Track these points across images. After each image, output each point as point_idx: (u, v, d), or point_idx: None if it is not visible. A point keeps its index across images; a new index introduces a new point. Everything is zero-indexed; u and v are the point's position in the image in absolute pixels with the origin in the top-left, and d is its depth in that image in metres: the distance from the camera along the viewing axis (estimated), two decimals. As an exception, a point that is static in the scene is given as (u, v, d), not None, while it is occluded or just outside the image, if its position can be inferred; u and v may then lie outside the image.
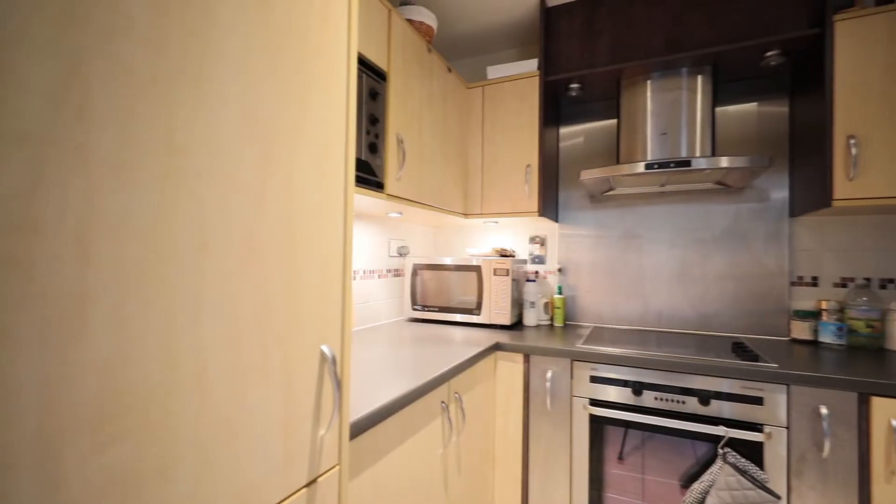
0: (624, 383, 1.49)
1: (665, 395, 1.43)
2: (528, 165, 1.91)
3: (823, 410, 1.24)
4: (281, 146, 0.63)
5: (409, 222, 2.28)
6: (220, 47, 0.54)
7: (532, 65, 1.94)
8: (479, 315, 1.97)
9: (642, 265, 2.03)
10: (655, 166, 1.61)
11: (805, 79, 1.64)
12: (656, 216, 2.01)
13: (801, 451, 1.27)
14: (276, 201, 0.62)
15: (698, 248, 1.93)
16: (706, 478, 1.33)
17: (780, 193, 1.81)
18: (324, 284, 0.72)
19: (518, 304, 2.07)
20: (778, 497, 1.23)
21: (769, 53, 1.62)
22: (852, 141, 1.41)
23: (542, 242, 2.26)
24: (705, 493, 1.31)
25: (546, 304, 2.09)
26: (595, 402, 1.53)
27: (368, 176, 1.33)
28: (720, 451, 1.32)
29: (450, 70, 1.87)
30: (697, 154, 1.74)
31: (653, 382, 1.45)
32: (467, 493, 1.42)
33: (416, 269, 2.11)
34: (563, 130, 2.22)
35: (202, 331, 0.52)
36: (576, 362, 1.56)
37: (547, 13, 1.94)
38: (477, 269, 1.98)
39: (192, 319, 0.51)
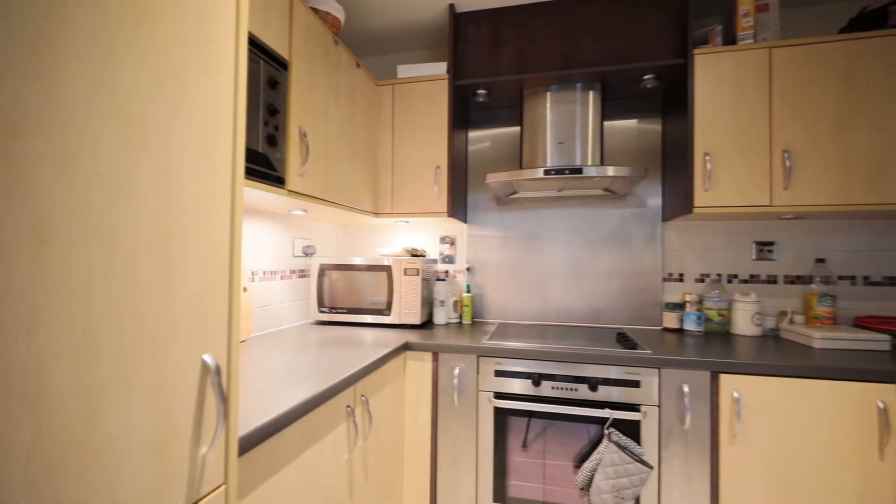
0: (525, 375, 1.58)
1: (561, 384, 1.55)
2: (438, 166, 1.94)
3: (685, 388, 1.43)
4: (153, 131, 0.56)
5: (316, 220, 2.18)
6: (67, 9, 0.46)
7: (441, 68, 1.98)
8: (389, 315, 1.95)
9: (542, 264, 2.18)
10: (553, 172, 1.74)
11: (674, 102, 1.89)
12: (554, 219, 2.17)
13: (669, 425, 1.46)
14: (146, 192, 0.55)
15: (590, 249, 2.12)
16: (594, 457, 1.46)
17: (654, 200, 2.06)
18: (207, 287, 0.65)
19: (428, 304, 2.09)
20: (651, 467, 1.40)
21: (646, 77, 1.84)
22: (708, 157, 1.66)
23: (452, 242, 2.31)
24: (594, 471, 1.45)
25: (455, 303, 2.14)
26: (499, 395, 1.60)
27: (267, 170, 1.24)
28: (606, 431, 1.47)
29: (359, 65, 1.83)
30: (589, 163, 1.91)
31: (550, 373, 1.56)
32: (375, 496, 1.39)
33: (324, 270, 2.02)
34: (472, 134, 2.29)
35: (39, 342, 0.44)
36: (482, 358, 1.62)
37: (456, 18, 1.99)
38: (387, 269, 1.96)
39: (24, 331, 0.42)
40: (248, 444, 0.80)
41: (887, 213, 1.66)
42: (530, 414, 1.58)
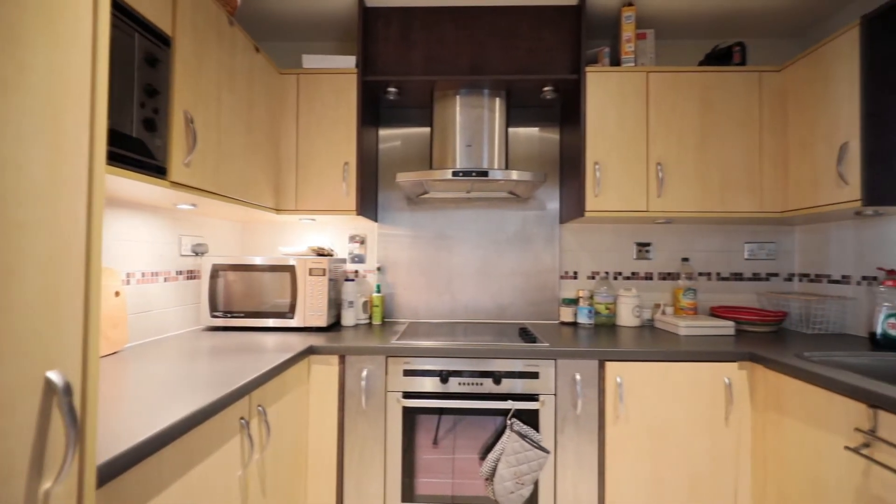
0: (433, 373, 1.60)
1: (467, 380, 1.59)
2: (346, 163, 1.88)
3: (578, 377, 1.57)
4: (-31, 102, 0.46)
5: (209, 216, 1.98)
6: None
7: (350, 62, 1.92)
8: (292, 318, 1.84)
9: (452, 263, 2.23)
10: (461, 174, 1.79)
11: (569, 114, 2.05)
12: (463, 219, 2.24)
13: (564, 411, 1.58)
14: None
15: (496, 249, 2.22)
16: (498, 447, 1.53)
17: (553, 204, 2.22)
18: (55, 291, 0.55)
19: (336, 305, 2.02)
20: (548, 452, 1.51)
21: (546, 88, 1.97)
22: (597, 166, 1.83)
23: (362, 241, 2.26)
24: (497, 460, 1.51)
25: (365, 303, 2.10)
26: (408, 395, 1.60)
27: (142, 157, 1.09)
28: (508, 422, 1.54)
29: (258, 50, 1.70)
30: (496, 166, 1.99)
31: (458, 369, 1.60)
32: (274, 512, 1.31)
33: (217, 270, 1.84)
34: (383, 132, 2.26)
35: None
36: (390, 358, 1.61)
37: (365, 13, 1.95)
38: (291, 270, 1.85)
39: None
40: (113, 471, 0.69)
41: (733, 220, 1.98)
42: (441, 411, 1.60)
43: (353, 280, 2.01)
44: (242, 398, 1.11)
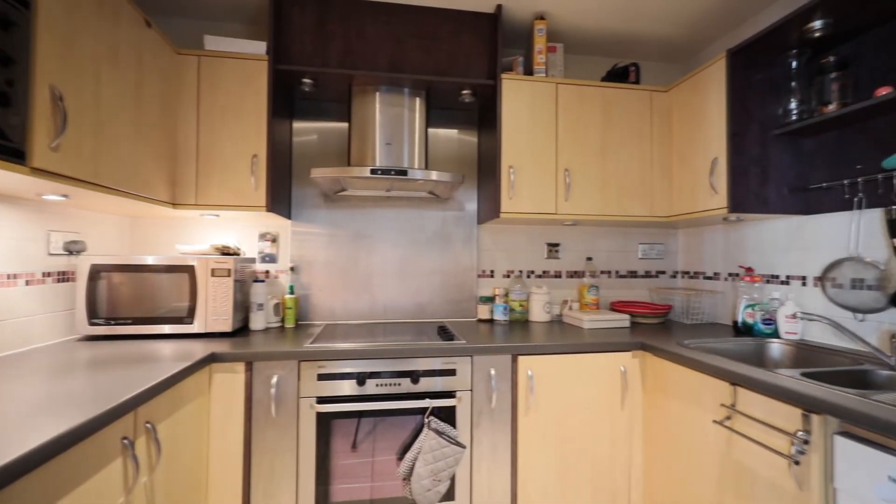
0: (349, 376, 1.55)
1: (385, 381, 1.57)
2: (255, 156, 1.76)
3: (492, 372, 1.62)
4: None
5: (86, 209, 1.73)
6: None
7: (260, 47, 1.80)
8: (192, 324, 1.68)
9: (371, 263, 2.19)
10: (379, 172, 1.76)
11: (487, 118, 2.12)
12: (383, 218, 2.21)
13: (479, 407, 1.63)
14: None
15: (415, 248, 2.23)
16: (416, 446, 1.53)
17: (471, 205, 2.28)
18: None
19: (243, 308, 1.88)
20: (464, 447, 1.54)
21: (464, 92, 2.02)
22: (512, 170, 1.92)
23: (274, 240, 2.12)
24: (415, 459, 1.51)
25: (277, 306, 1.98)
26: (322, 400, 1.54)
27: (-8, 138, 0.92)
28: (426, 420, 1.55)
29: (149, 24, 1.52)
30: (416, 166, 1.99)
31: (375, 371, 1.57)
32: (166, 539, 1.18)
33: (99, 272, 1.62)
34: (298, 125, 2.15)
35: None
36: (303, 363, 1.53)
37: (278, -3, 1.83)
38: (190, 270, 1.69)
39: None
40: (-60, 515, 0.57)
41: (629, 223, 2.19)
42: (360, 414, 1.56)
43: (262, 281, 1.88)
44: (126, 415, 0.99)
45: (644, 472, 1.72)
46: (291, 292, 2.01)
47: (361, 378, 1.54)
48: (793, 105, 1.63)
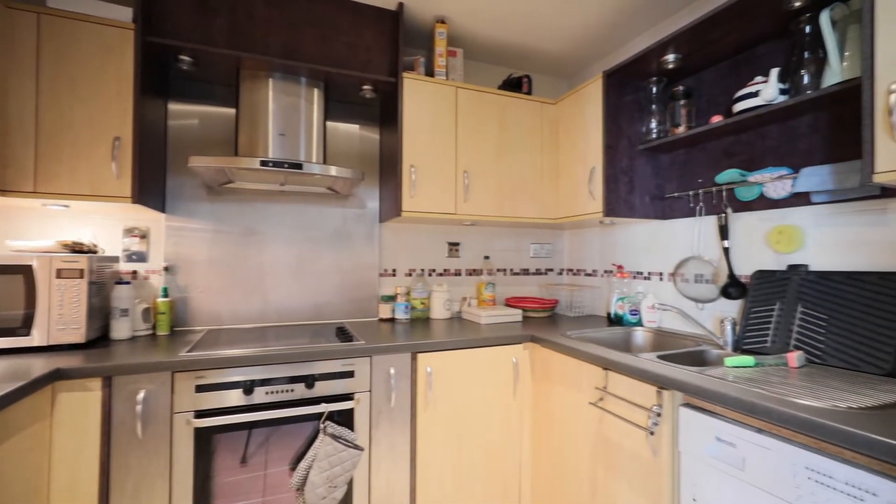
0: (235, 385, 1.43)
1: (276, 388, 1.47)
2: (118, 138, 1.52)
3: (392, 371, 1.62)
4: None
5: None
6: None
7: (126, 13, 1.56)
8: (28, 335, 1.40)
9: (263, 262, 2.03)
10: (270, 164, 1.64)
11: (388, 115, 2.10)
12: (277, 214, 2.07)
13: (378, 407, 1.61)
14: None
15: (313, 246, 2.12)
16: (310, 454, 1.46)
17: (373, 203, 2.25)
18: None
19: (102, 315, 1.61)
20: (361, 449, 1.51)
21: (365, 87, 1.98)
22: (413, 169, 1.93)
23: (144, 236, 1.86)
24: (309, 468, 1.44)
25: (146, 311, 1.73)
26: (202, 414, 1.39)
27: None
28: (321, 425, 1.49)
29: (-35, -33, 1.22)
30: (314, 160, 1.90)
31: (265, 378, 1.46)
32: None
33: None
34: (175, 107, 1.91)
35: None
36: (179, 374, 1.37)
37: (148, -41, 1.61)
38: (26, 271, 1.40)
39: None
40: None
41: (522, 224, 2.34)
42: (251, 425, 1.44)
43: (128, 283, 1.64)
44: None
45: (532, 454, 1.86)
46: (165, 295, 1.78)
47: (249, 387, 1.43)
48: (653, 125, 1.89)
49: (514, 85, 2.27)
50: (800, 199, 1.48)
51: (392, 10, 1.97)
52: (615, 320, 2.10)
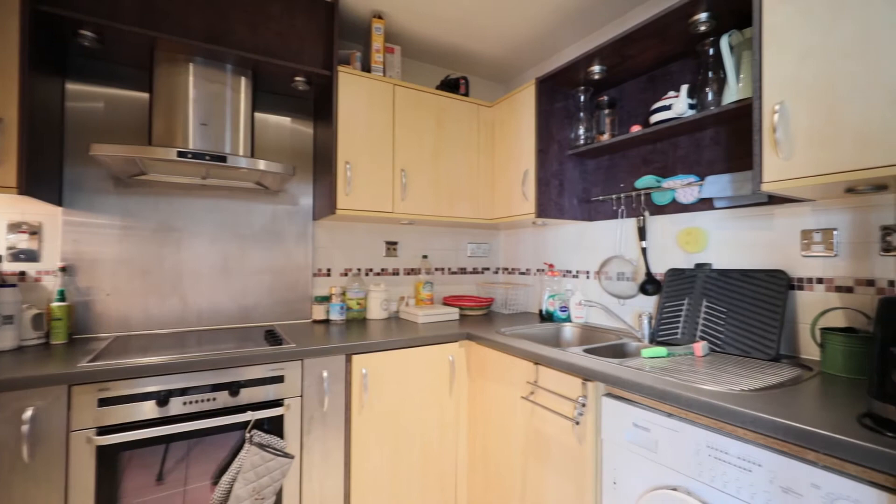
0: (146, 396, 1.30)
1: (195, 397, 1.36)
2: (0, 119, 1.32)
3: (325, 374, 1.56)
4: None
5: None
6: None
7: (10, -23, 1.36)
8: None
9: (181, 261, 1.87)
10: (190, 156, 1.51)
11: (323, 109, 2.03)
12: (198, 209, 1.91)
13: (310, 412, 1.55)
14: None
15: (240, 244, 2.00)
16: (234, 465, 1.37)
17: (306, 200, 2.16)
18: None
19: (-21, 322, 1.40)
20: (291, 457, 1.45)
21: (297, 78, 1.89)
22: (348, 165, 1.88)
23: (35, 232, 1.64)
24: (232, 481, 1.35)
25: (38, 317, 1.53)
26: (106, 430, 1.25)
27: None
28: (247, 435, 1.40)
29: None
30: (241, 152, 1.78)
31: (182, 387, 1.35)
32: None
33: None
34: (74, 87, 1.70)
35: None
36: (77, 387, 1.22)
37: (40, -83, 1.41)
38: None
39: None
40: None
41: (459, 224, 2.37)
42: (169, 439, 1.32)
43: (12, 286, 1.43)
44: None
45: (468, 451, 1.89)
46: (62, 299, 1.58)
47: (163, 397, 1.31)
48: (581, 131, 2.00)
49: (452, 86, 2.29)
50: (705, 204, 1.64)
51: (327, 0, 1.91)
52: (546, 317, 2.19)
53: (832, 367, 1.19)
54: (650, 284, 1.79)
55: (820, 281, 1.33)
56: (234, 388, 1.41)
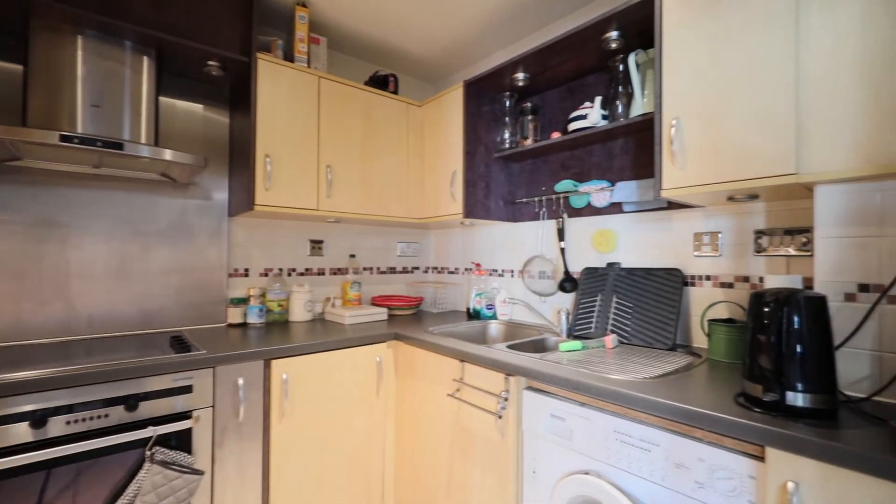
0: (17, 417, 1.12)
1: (83, 415, 1.20)
2: None
3: (240, 382, 1.46)
4: None
5: None
6: None
7: None
8: None
9: (67, 261, 1.64)
10: (76, 140, 1.33)
11: (240, 98, 1.89)
12: (90, 203, 1.69)
13: (223, 423, 1.44)
14: None
15: (142, 242, 1.80)
16: (131, 488, 1.23)
17: (221, 194, 2.00)
18: None
19: None
20: (201, 473, 1.33)
21: (211, 63, 1.75)
22: (268, 159, 1.77)
23: None
24: (129, 505, 1.22)
25: None
26: (-38, 460, 1.06)
27: None
28: (147, 453, 1.27)
29: None
30: (142, 140, 1.60)
31: (66, 404, 1.18)
32: None
33: None
34: (-80, 52, 1.42)
35: None
36: (-80, 412, 1.02)
37: None
38: None
39: None
40: None
41: (388, 223, 2.35)
42: (51, 464, 1.14)
43: None
44: None
45: (395, 452, 1.87)
46: None
47: (39, 418, 1.14)
48: (506, 135, 2.08)
49: (381, 82, 2.25)
50: (616, 208, 1.78)
51: (245, -19, 1.78)
52: (473, 315, 2.24)
53: (717, 353, 1.35)
54: (568, 282, 1.90)
55: (708, 278, 1.51)
56: (131, 401, 1.27)
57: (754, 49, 1.10)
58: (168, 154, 1.53)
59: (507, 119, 2.08)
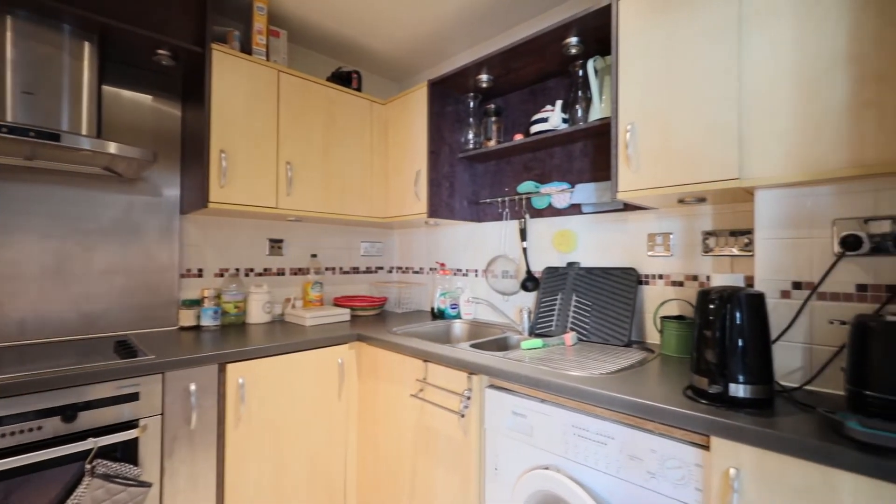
0: (-66, 434, 1.02)
1: (9, 428, 1.11)
2: None
3: (192, 387, 1.39)
4: None
5: None
6: None
7: None
8: None
9: (-5, 261, 1.51)
10: (5, 130, 1.22)
11: (193, 90, 1.80)
12: (22, 198, 1.56)
13: (173, 431, 1.37)
14: None
15: (82, 240, 1.68)
16: (69, 505, 1.15)
17: (172, 191, 1.90)
18: None
19: None
20: (148, 485, 1.26)
21: (161, 52, 1.65)
22: (224, 155, 1.70)
23: None
24: (66, 524, 1.13)
25: None
26: None
27: None
28: (87, 466, 1.18)
29: None
30: (83, 131, 1.50)
31: (-8, 417, 1.09)
32: None
33: None
34: None
35: None
36: None
37: None
38: None
39: None
40: None
41: (352, 222, 2.31)
42: None
43: None
44: None
45: (358, 454, 1.85)
46: None
47: (-40, 433, 1.04)
48: (470, 136, 2.09)
49: (344, 79, 2.21)
50: (575, 209, 1.83)
51: (198, -32, 1.70)
52: (438, 315, 2.24)
53: (668, 348, 1.42)
54: (530, 282, 1.94)
55: (661, 277, 1.58)
56: (68, 412, 1.18)
57: (702, 62, 1.16)
58: (112, 147, 1.43)
59: (471, 120, 2.10)
